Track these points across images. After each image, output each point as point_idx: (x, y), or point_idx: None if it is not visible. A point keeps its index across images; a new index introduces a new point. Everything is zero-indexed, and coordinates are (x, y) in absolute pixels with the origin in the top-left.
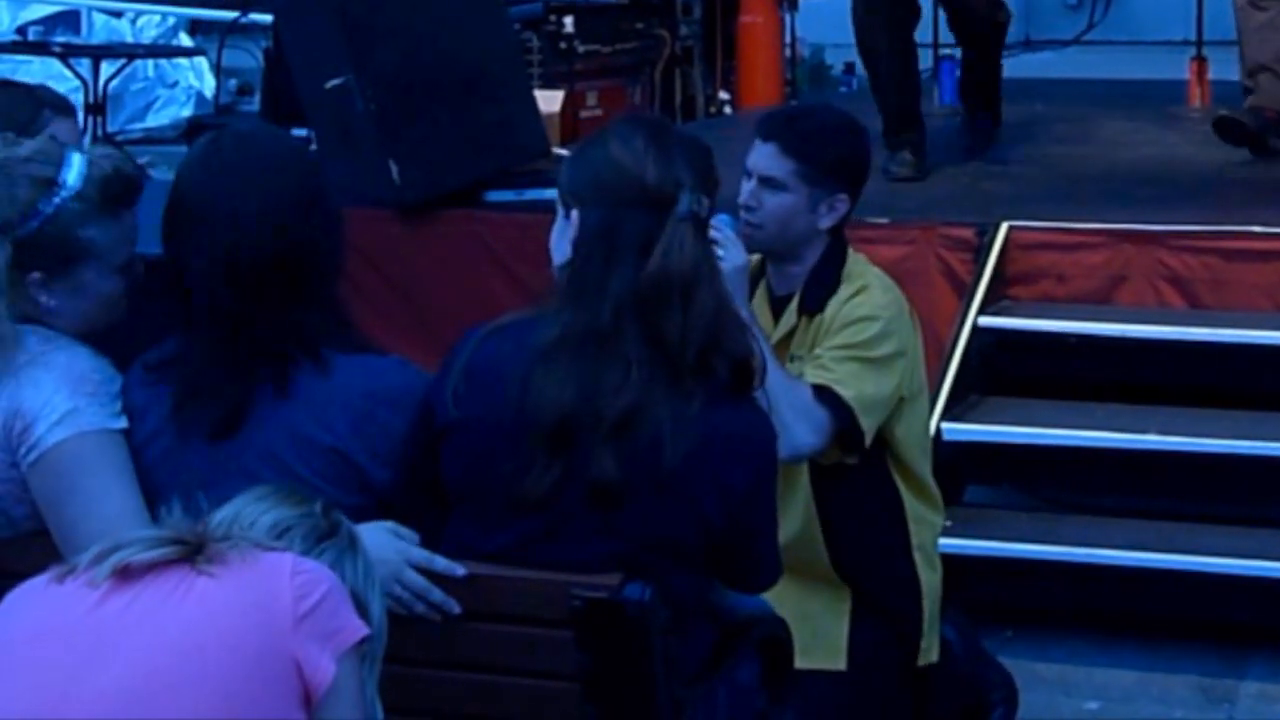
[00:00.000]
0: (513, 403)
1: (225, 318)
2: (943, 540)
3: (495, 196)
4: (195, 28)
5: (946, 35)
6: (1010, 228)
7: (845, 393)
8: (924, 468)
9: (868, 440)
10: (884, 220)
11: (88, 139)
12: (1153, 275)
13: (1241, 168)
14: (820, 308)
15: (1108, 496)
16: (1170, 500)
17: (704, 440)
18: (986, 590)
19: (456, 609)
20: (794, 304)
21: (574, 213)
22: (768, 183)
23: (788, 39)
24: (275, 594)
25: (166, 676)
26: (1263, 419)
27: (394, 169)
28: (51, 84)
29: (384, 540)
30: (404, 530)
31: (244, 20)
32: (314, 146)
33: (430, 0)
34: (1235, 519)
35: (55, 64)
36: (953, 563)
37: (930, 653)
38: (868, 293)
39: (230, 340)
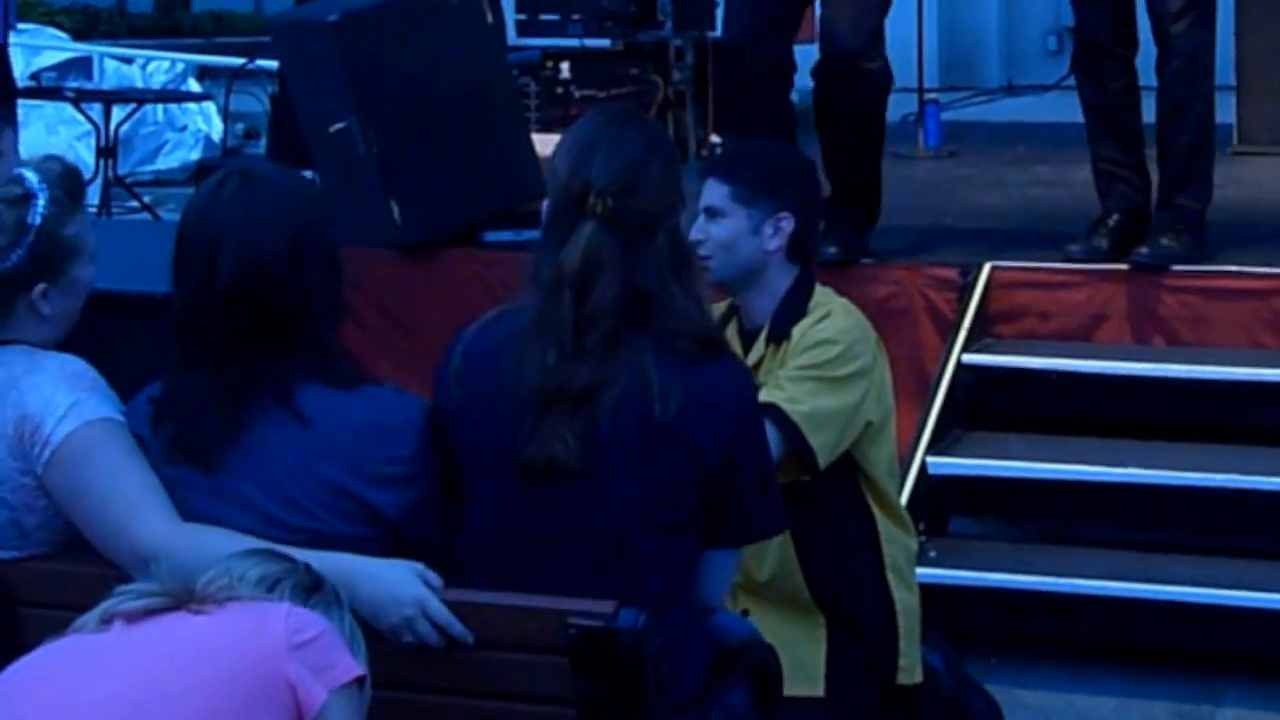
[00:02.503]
0: (509, 381)
1: (214, 351)
2: (928, 571)
3: (493, 237)
4: (203, 74)
5: (930, 79)
6: (993, 267)
7: (793, 409)
8: (894, 490)
9: (821, 458)
10: (870, 260)
11: (99, 181)
12: (1132, 313)
13: (1219, 210)
14: (786, 335)
15: (1088, 528)
16: (1149, 531)
17: (690, 391)
18: (971, 619)
19: (471, 640)
20: (763, 335)
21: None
22: (709, 212)
23: None
24: (270, 625)
25: (161, 686)
26: (1240, 453)
27: (395, 209)
28: (64, 128)
29: (408, 578)
30: (431, 576)
31: (251, 66)
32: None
33: (430, 47)
34: (1212, 549)
35: (68, 108)
36: (938, 593)
37: (913, 672)
38: (830, 318)
39: (220, 375)
